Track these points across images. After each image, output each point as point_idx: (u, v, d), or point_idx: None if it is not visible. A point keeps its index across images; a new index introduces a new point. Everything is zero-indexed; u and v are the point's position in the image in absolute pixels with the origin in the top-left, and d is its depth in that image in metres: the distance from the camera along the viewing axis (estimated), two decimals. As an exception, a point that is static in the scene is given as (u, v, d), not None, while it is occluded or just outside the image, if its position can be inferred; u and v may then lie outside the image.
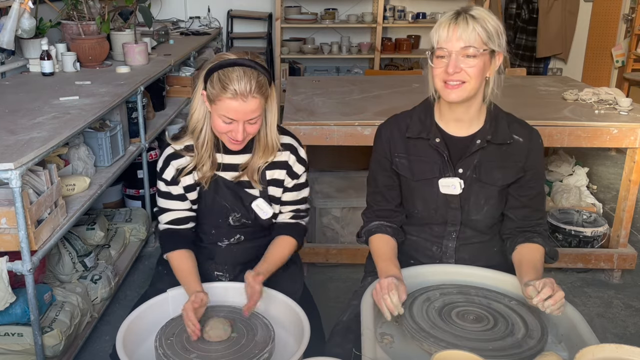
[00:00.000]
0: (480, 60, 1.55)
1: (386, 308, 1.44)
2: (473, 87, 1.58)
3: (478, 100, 1.64)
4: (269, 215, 1.79)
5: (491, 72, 1.61)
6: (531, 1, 5.64)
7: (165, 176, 1.75)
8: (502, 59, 1.61)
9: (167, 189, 1.77)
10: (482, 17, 1.55)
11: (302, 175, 1.83)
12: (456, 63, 1.54)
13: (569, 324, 1.45)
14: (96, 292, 2.57)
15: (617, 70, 5.53)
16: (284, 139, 1.80)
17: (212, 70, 1.61)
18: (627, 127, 2.77)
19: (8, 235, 1.95)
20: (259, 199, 1.78)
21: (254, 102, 1.59)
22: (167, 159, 1.75)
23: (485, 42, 1.55)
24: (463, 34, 1.53)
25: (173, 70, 3.90)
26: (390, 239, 1.75)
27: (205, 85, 1.64)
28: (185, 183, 1.75)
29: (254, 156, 1.75)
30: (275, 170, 1.79)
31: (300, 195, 1.86)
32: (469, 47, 1.53)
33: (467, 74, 1.56)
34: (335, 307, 2.65)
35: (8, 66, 3.05)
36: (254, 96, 1.58)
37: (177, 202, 1.78)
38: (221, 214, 1.79)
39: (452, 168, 1.69)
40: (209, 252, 1.86)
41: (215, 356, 1.45)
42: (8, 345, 2.10)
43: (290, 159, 1.80)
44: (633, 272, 3.11)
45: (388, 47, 5.53)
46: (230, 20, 5.66)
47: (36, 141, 2.00)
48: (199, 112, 1.69)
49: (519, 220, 1.72)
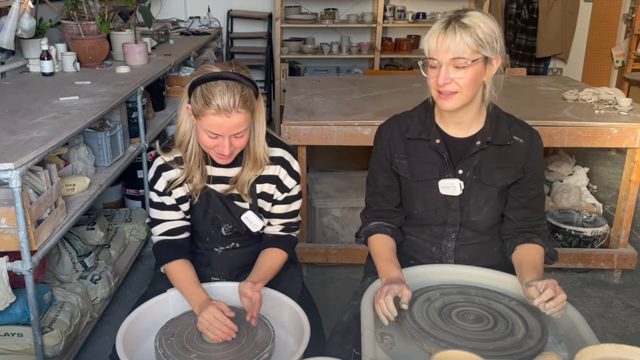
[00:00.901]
0: (471, 70, 1.53)
1: (382, 313, 1.45)
2: (466, 96, 1.58)
3: (476, 103, 1.64)
4: (258, 228, 1.76)
5: (487, 77, 1.59)
6: (531, 1, 5.63)
7: (157, 187, 1.72)
8: (500, 61, 1.59)
9: (160, 200, 1.73)
10: (473, 24, 1.52)
11: (293, 188, 1.78)
12: (446, 74, 1.54)
13: (569, 324, 1.45)
14: (96, 292, 2.57)
15: (617, 70, 5.53)
16: (276, 152, 1.74)
17: (194, 85, 1.55)
18: (627, 127, 2.77)
19: (8, 235, 1.95)
20: (249, 212, 1.75)
21: (239, 117, 1.54)
22: (158, 170, 1.72)
23: (476, 50, 1.52)
24: (451, 45, 1.51)
25: (173, 70, 3.90)
26: (390, 239, 1.75)
27: (189, 99, 1.59)
28: (177, 195, 1.72)
29: (243, 169, 1.71)
30: (264, 184, 1.75)
31: (290, 208, 1.81)
32: (458, 58, 1.52)
33: (458, 85, 1.55)
34: (335, 307, 2.65)
35: (8, 66, 3.05)
36: (239, 111, 1.53)
37: (171, 212, 1.74)
38: (213, 225, 1.77)
39: (452, 169, 1.69)
40: (205, 258, 1.84)
41: (216, 356, 1.45)
42: (8, 345, 2.10)
43: (280, 173, 1.75)
44: (633, 272, 3.11)
45: (388, 47, 5.52)
46: (230, 20, 5.66)
47: (36, 141, 2.00)
48: (185, 125, 1.65)
49: (519, 221, 1.72)
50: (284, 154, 1.76)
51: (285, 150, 1.77)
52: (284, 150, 1.77)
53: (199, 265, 1.80)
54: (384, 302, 1.44)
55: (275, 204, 1.78)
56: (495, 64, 1.58)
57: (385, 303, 1.44)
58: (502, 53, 1.58)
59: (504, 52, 1.59)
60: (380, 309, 1.45)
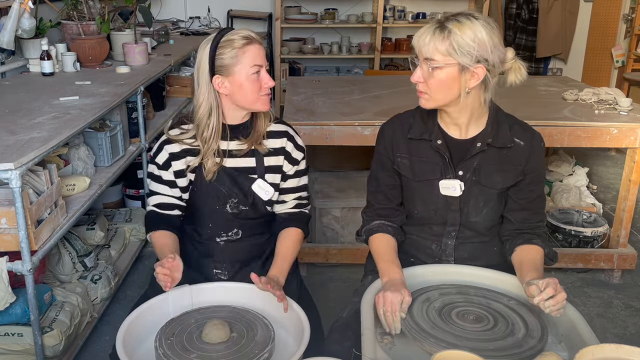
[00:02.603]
0: (442, 73, 1.53)
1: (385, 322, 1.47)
2: (437, 99, 1.59)
3: (470, 106, 1.62)
4: (269, 194, 1.81)
5: (466, 85, 1.55)
6: (531, 1, 5.63)
7: (157, 160, 1.78)
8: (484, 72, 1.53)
9: (158, 173, 1.79)
10: (456, 28, 1.50)
11: (301, 161, 1.87)
12: (420, 72, 1.57)
13: (569, 324, 1.45)
14: (96, 292, 2.58)
15: (617, 70, 5.53)
16: (279, 127, 1.84)
17: (214, 47, 1.68)
18: (627, 127, 2.77)
19: (8, 235, 1.95)
20: (259, 180, 1.80)
21: (262, 47, 1.71)
22: (161, 144, 1.79)
23: (449, 55, 1.51)
24: (423, 46, 1.54)
25: (173, 70, 3.90)
26: (391, 239, 1.75)
27: (212, 71, 1.69)
28: (176, 168, 1.77)
29: (257, 122, 1.79)
30: (272, 157, 1.81)
31: (301, 182, 1.89)
32: (429, 59, 1.54)
33: (427, 86, 1.57)
34: (335, 307, 2.64)
35: (8, 66, 3.05)
36: (259, 41, 1.70)
37: (166, 188, 1.80)
38: (219, 201, 1.80)
39: (452, 170, 1.69)
40: (207, 250, 1.86)
41: (215, 356, 1.45)
42: (8, 345, 2.10)
43: (287, 146, 1.83)
44: (633, 272, 3.11)
45: (388, 47, 5.52)
46: (230, 20, 5.66)
47: (36, 141, 2.00)
48: (205, 106, 1.72)
49: (518, 223, 1.72)
50: (288, 129, 1.86)
51: (288, 126, 1.87)
52: (286, 125, 1.87)
53: (200, 256, 1.82)
54: (390, 315, 1.46)
55: (287, 178, 1.85)
56: (479, 73, 1.53)
57: (391, 316, 1.46)
58: (490, 62, 1.53)
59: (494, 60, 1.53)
60: (385, 321, 1.47)
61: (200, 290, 1.68)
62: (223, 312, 1.61)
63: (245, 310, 1.61)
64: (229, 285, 1.73)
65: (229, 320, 1.55)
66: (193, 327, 1.55)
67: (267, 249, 1.90)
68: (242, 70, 1.68)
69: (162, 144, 1.79)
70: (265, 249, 1.90)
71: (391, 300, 1.47)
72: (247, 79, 1.68)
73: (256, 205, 1.81)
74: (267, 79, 1.71)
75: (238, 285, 1.69)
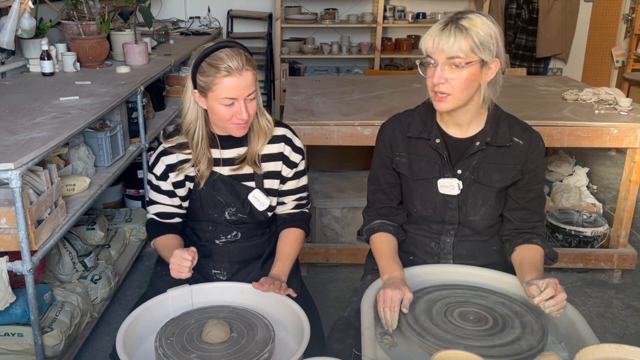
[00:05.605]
0: (466, 71, 1.54)
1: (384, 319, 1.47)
2: (459, 99, 1.58)
3: (474, 105, 1.63)
4: (265, 206, 1.80)
5: (484, 80, 1.58)
6: (531, 1, 5.63)
7: (155, 171, 1.79)
8: (499, 65, 1.58)
9: (157, 183, 1.80)
10: (471, 25, 1.52)
11: (300, 163, 1.86)
12: (442, 74, 1.55)
13: (569, 324, 1.45)
14: (96, 292, 2.58)
15: (617, 70, 5.53)
16: (277, 131, 1.82)
17: (198, 63, 1.63)
18: (627, 127, 2.77)
19: (8, 235, 1.95)
20: (255, 190, 1.79)
21: (248, 75, 1.62)
22: (158, 155, 1.79)
23: (472, 52, 1.52)
24: (445, 46, 1.52)
25: (173, 70, 3.89)
26: (392, 238, 1.76)
27: (195, 84, 1.66)
28: (174, 179, 1.77)
29: (252, 142, 1.76)
30: (270, 163, 1.81)
31: (300, 183, 1.89)
32: (454, 58, 1.53)
33: (451, 86, 1.55)
34: (335, 307, 2.65)
35: (8, 66, 3.05)
36: (247, 69, 1.61)
37: (165, 197, 1.80)
38: (217, 209, 1.80)
39: (451, 169, 1.69)
40: (206, 250, 1.86)
41: (215, 356, 1.45)
42: (8, 345, 2.10)
43: (285, 150, 1.82)
44: (633, 272, 3.11)
45: (388, 47, 5.52)
46: (230, 20, 5.66)
47: (36, 141, 2.00)
48: (192, 113, 1.72)
49: (518, 222, 1.72)
50: (286, 132, 1.84)
51: (286, 129, 1.85)
52: (284, 128, 1.85)
53: (199, 257, 1.82)
54: (389, 312, 1.46)
55: (286, 181, 1.85)
56: (494, 67, 1.57)
57: (390, 313, 1.46)
58: (502, 56, 1.58)
59: (503, 55, 1.58)
60: (384, 317, 1.47)
61: (200, 290, 1.68)
62: (223, 312, 1.61)
63: (245, 310, 1.61)
64: (229, 285, 1.73)
65: (229, 320, 1.55)
66: (193, 327, 1.55)
67: (267, 250, 1.90)
68: (215, 97, 1.64)
69: (159, 156, 1.78)
70: (264, 249, 1.90)
71: (391, 297, 1.47)
72: (218, 105, 1.64)
73: (254, 213, 1.82)
74: (240, 111, 1.63)
75: (238, 285, 1.69)
